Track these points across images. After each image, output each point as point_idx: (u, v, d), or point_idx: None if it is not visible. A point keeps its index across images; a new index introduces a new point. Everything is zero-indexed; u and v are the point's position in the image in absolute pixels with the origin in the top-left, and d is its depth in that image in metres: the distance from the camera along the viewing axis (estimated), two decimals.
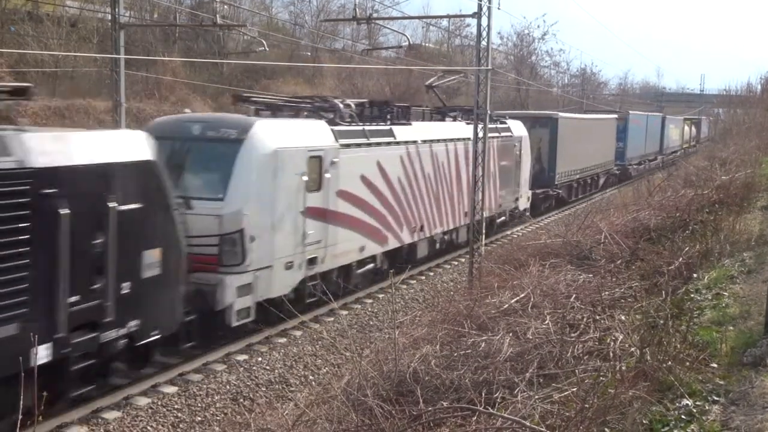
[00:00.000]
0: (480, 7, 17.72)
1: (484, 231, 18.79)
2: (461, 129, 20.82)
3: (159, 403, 10.73)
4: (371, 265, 16.88)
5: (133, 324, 10.01)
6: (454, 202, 20.34)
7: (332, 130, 15.10)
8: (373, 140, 16.37)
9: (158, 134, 11.80)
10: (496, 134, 22.15)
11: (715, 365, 7.66)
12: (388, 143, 17.01)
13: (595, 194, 36.34)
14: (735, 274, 11.38)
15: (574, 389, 7.11)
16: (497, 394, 7.55)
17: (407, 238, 18.12)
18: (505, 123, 24.26)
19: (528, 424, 6.41)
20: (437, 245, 20.14)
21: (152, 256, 10.22)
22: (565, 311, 9.65)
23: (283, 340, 13.64)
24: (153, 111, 29.73)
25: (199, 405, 10.93)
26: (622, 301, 10.87)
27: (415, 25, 55.33)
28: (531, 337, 8.86)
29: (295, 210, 13.63)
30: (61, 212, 8.60)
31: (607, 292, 10.86)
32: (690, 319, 9.07)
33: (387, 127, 17.33)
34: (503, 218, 24.30)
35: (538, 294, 10.78)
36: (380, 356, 9.27)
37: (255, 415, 9.73)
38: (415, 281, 18.45)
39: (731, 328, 8.73)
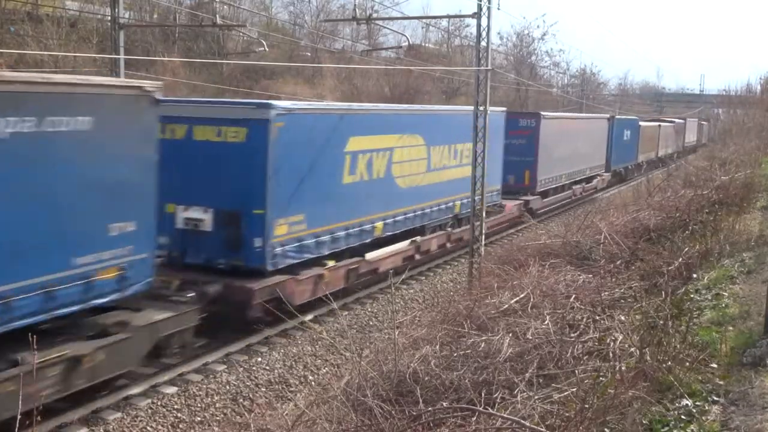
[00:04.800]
0: (480, 8, 17.72)
1: (483, 231, 18.77)
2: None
3: (159, 403, 10.73)
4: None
5: None
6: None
7: None
8: None
9: None
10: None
11: (714, 365, 7.66)
12: None
13: None
14: (735, 275, 11.39)
15: (574, 389, 7.11)
16: (497, 395, 7.55)
17: None
18: None
19: (528, 424, 6.40)
20: None
21: None
22: (565, 311, 9.65)
23: (282, 340, 13.64)
24: None
25: (199, 405, 10.94)
26: (622, 301, 10.86)
27: (414, 25, 55.36)
28: (531, 338, 8.85)
29: None
30: None
31: (606, 293, 10.86)
32: (690, 319, 9.08)
33: None
34: None
35: (538, 294, 10.77)
36: (380, 356, 9.27)
37: (254, 416, 9.73)
38: (414, 281, 18.45)
39: (731, 328, 8.73)
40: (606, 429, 6.46)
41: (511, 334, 8.93)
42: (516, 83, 58.82)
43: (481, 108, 18.07)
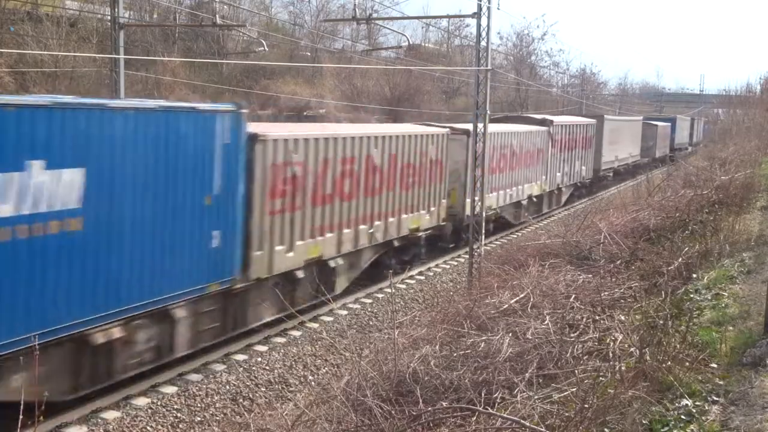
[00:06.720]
0: (479, 8, 17.74)
1: (483, 231, 18.78)
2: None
3: (158, 403, 10.72)
4: None
5: None
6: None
7: None
8: None
9: None
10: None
11: (714, 365, 7.66)
12: None
13: None
14: (734, 275, 11.38)
15: (574, 389, 7.11)
16: (497, 395, 7.55)
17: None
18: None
19: (528, 424, 6.40)
20: None
21: None
22: (565, 311, 9.66)
23: (282, 340, 13.65)
24: None
25: (199, 405, 10.93)
26: (622, 301, 10.86)
27: (414, 25, 55.51)
28: (530, 338, 8.86)
29: None
30: None
31: (606, 293, 10.86)
32: (689, 319, 9.08)
33: None
34: None
35: (538, 294, 10.77)
36: (380, 356, 9.27)
37: (254, 416, 9.73)
38: (414, 281, 18.45)
39: (731, 328, 8.73)
40: (606, 429, 6.46)
41: (510, 334, 8.93)
42: (516, 83, 58.82)
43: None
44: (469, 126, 21.87)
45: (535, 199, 27.32)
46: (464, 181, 20.95)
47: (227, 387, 11.55)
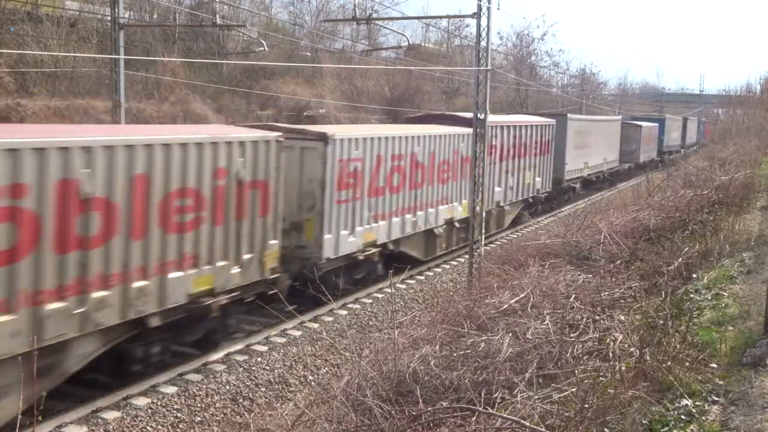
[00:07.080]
0: (479, 8, 17.74)
1: (483, 231, 18.77)
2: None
3: (158, 403, 10.73)
4: None
5: None
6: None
7: None
8: None
9: None
10: None
11: (714, 365, 7.66)
12: None
13: None
14: (734, 275, 11.38)
15: (574, 389, 7.11)
16: (497, 395, 7.55)
17: None
18: None
19: (527, 424, 6.40)
20: None
21: None
22: (565, 311, 9.65)
23: (282, 340, 13.65)
24: (153, 111, 29.74)
25: (199, 405, 10.94)
26: (622, 301, 10.86)
27: (414, 25, 55.53)
28: (530, 338, 8.85)
29: None
30: None
31: (606, 293, 10.85)
32: (689, 319, 9.08)
33: None
34: None
35: (538, 294, 10.77)
36: (380, 356, 9.26)
37: (254, 416, 9.74)
38: (414, 281, 18.45)
39: (731, 328, 8.73)
40: (606, 429, 6.46)
41: (510, 334, 8.92)
42: (516, 83, 58.82)
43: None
44: (327, 128, 16.16)
45: (458, 225, 20.43)
46: (322, 207, 14.60)
47: (227, 387, 11.56)
